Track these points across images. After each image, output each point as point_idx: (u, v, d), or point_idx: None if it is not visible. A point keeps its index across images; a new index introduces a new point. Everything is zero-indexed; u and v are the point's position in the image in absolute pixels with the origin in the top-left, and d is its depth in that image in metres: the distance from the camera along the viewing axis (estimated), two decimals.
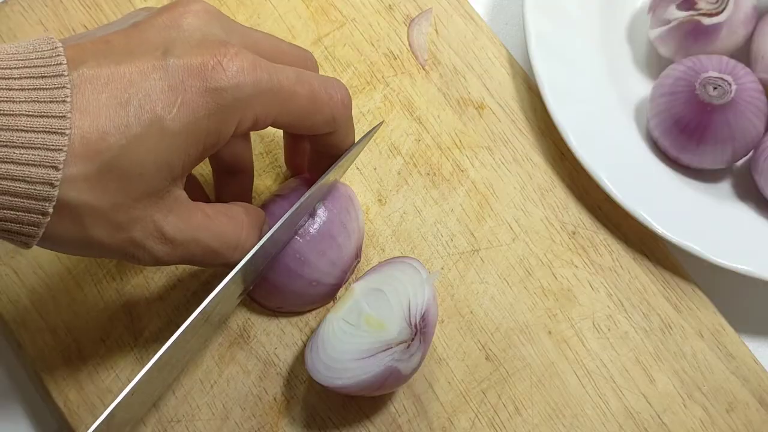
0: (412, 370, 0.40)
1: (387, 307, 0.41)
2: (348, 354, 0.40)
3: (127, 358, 0.43)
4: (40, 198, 0.30)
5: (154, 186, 0.33)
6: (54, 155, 0.30)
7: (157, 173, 0.33)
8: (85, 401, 0.42)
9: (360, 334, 0.40)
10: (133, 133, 0.31)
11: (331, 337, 0.41)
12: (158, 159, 0.32)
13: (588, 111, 0.49)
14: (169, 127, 0.32)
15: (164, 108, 0.32)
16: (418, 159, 0.49)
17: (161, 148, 0.32)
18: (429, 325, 0.40)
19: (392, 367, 0.39)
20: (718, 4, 0.49)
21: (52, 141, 0.30)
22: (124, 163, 0.31)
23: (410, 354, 0.39)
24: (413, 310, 0.40)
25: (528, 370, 0.45)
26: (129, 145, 0.31)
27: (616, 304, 0.46)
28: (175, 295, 0.44)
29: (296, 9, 0.51)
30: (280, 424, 0.43)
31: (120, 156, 0.31)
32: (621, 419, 0.44)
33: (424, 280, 0.41)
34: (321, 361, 0.40)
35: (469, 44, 0.52)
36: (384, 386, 0.40)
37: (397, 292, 0.41)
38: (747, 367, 0.46)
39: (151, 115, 0.32)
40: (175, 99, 0.32)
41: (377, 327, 0.40)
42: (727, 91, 0.46)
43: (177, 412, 0.42)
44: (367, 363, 0.39)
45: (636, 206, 0.47)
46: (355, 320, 0.41)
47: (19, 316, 0.43)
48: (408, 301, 0.40)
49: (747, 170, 0.50)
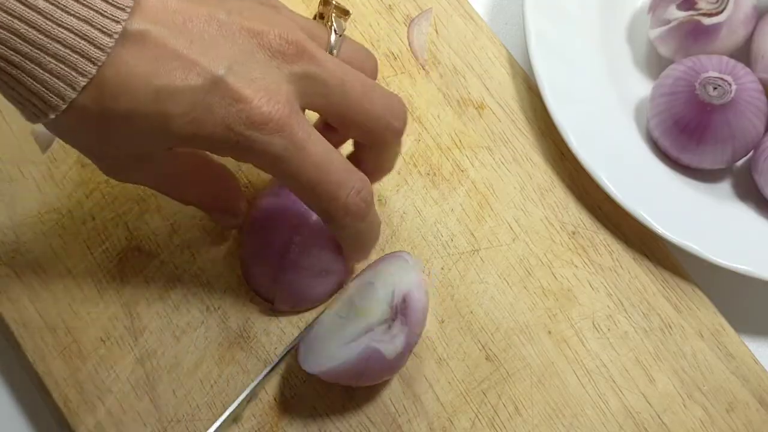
0: (396, 353, 0.40)
1: (374, 296, 0.41)
2: (335, 342, 0.40)
3: (127, 358, 0.43)
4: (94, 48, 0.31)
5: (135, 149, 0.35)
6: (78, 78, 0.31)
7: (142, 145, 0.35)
8: (85, 401, 0.42)
9: (348, 324, 0.41)
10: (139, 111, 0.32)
11: (323, 330, 0.41)
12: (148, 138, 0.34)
13: (588, 111, 0.49)
14: (170, 127, 0.33)
15: (178, 112, 0.32)
16: (418, 159, 0.49)
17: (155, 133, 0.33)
18: (411, 307, 0.40)
19: (372, 347, 0.39)
20: (718, 4, 0.49)
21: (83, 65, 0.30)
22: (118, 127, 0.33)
23: (392, 336, 0.39)
24: (396, 292, 0.41)
25: (528, 370, 0.45)
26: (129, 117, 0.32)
27: (616, 304, 0.46)
28: (175, 295, 0.44)
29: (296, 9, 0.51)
30: (280, 424, 0.43)
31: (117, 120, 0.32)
32: (621, 419, 0.44)
33: (410, 267, 0.41)
34: (311, 351, 0.41)
35: (469, 44, 0.52)
36: (368, 370, 0.40)
37: (385, 282, 0.41)
38: (747, 367, 0.46)
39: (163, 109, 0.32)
40: (192, 111, 0.32)
41: (363, 315, 0.41)
42: (727, 91, 0.46)
43: (177, 412, 0.42)
44: (350, 347, 0.40)
45: (636, 206, 0.47)
46: (346, 313, 0.41)
47: (19, 316, 0.43)
48: (393, 286, 0.41)
49: (747, 170, 0.50)
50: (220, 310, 0.44)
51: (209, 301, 0.44)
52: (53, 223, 0.45)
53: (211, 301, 0.44)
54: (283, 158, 0.34)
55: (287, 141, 0.34)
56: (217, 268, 0.45)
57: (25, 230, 0.45)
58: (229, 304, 0.44)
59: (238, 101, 0.32)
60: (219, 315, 0.44)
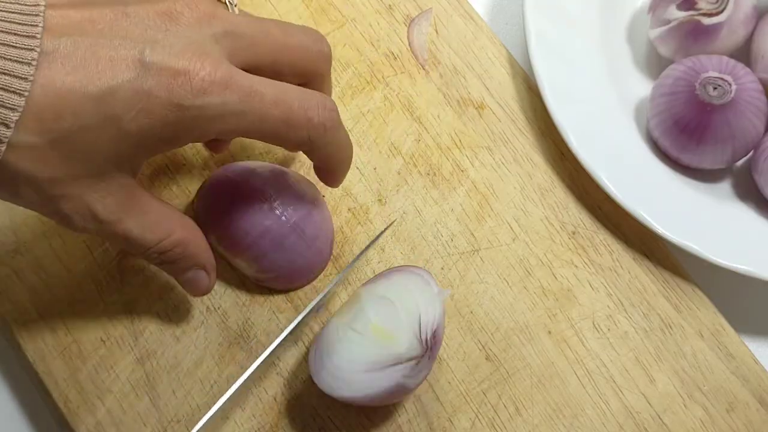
0: (417, 385, 0.40)
1: (396, 318, 0.40)
2: (355, 364, 0.39)
3: (127, 358, 0.43)
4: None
5: (96, 170, 0.33)
6: (8, 113, 0.30)
7: (103, 162, 0.33)
8: (85, 401, 0.42)
9: (367, 344, 0.39)
10: (87, 124, 0.31)
11: (337, 344, 0.40)
12: (107, 150, 0.33)
13: (588, 111, 0.49)
14: (124, 128, 0.32)
15: (124, 109, 0.32)
16: (418, 159, 0.49)
17: (112, 142, 0.33)
18: (438, 342, 0.40)
19: (401, 383, 0.39)
20: (718, 4, 0.49)
21: (8, 100, 0.30)
22: (72, 146, 0.32)
23: (419, 370, 0.39)
24: (424, 325, 0.40)
25: (528, 370, 0.45)
26: (80, 132, 0.32)
27: (616, 304, 0.46)
28: (174, 295, 0.44)
29: (296, 9, 0.51)
30: (280, 424, 0.43)
31: (69, 139, 0.31)
32: (621, 419, 0.44)
33: (435, 295, 0.41)
34: (326, 369, 0.39)
35: (469, 44, 0.52)
36: (390, 399, 0.40)
37: (407, 304, 0.40)
38: (747, 367, 0.46)
39: (109, 112, 0.32)
40: (137, 103, 0.32)
41: (386, 338, 0.39)
42: (727, 91, 0.46)
43: (177, 412, 0.42)
44: (375, 377, 0.39)
45: (636, 206, 0.47)
46: (361, 328, 0.40)
47: (19, 316, 0.43)
48: (418, 315, 0.40)
49: (747, 170, 0.50)
50: (220, 310, 0.44)
51: (209, 301, 0.44)
52: (53, 223, 0.45)
53: (211, 301, 0.44)
54: (244, 111, 0.34)
55: (238, 93, 0.33)
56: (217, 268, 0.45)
57: (25, 230, 0.45)
58: (229, 304, 0.44)
59: (175, 75, 0.32)
60: (219, 315, 0.44)
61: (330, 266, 0.46)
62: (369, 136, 0.49)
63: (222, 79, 0.33)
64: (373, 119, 0.49)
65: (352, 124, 0.49)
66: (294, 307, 0.45)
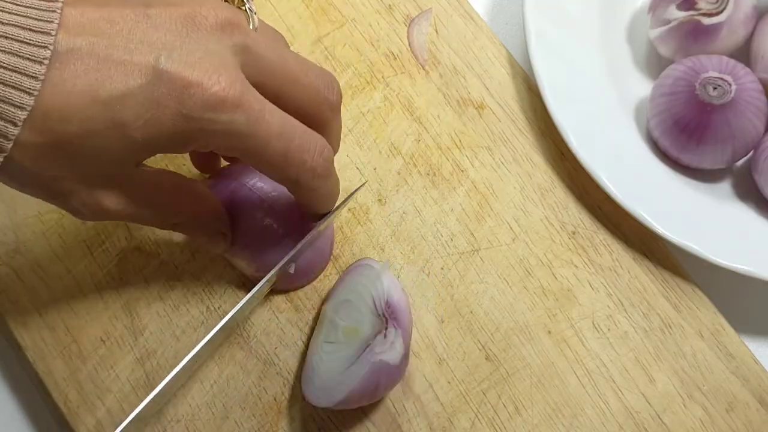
0: (400, 358, 0.40)
1: (356, 312, 0.41)
2: (336, 370, 0.40)
3: (127, 358, 0.43)
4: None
5: (100, 170, 0.33)
6: (16, 112, 0.30)
7: (107, 163, 0.33)
8: (85, 401, 0.42)
9: (341, 348, 0.40)
10: (94, 129, 0.31)
11: (318, 361, 0.40)
12: (111, 153, 0.32)
13: (588, 111, 0.49)
14: (129, 135, 0.32)
15: (132, 117, 0.31)
16: (418, 159, 0.49)
17: (116, 147, 0.32)
18: (397, 309, 0.41)
19: (377, 360, 0.39)
20: (718, 4, 0.49)
21: (19, 98, 0.30)
22: (77, 149, 0.31)
23: (390, 342, 0.39)
24: (377, 301, 0.41)
25: (528, 370, 0.45)
26: (86, 136, 0.31)
27: (615, 304, 0.46)
28: (175, 295, 0.44)
29: (296, 9, 0.51)
30: (280, 424, 0.43)
31: (74, 142, 0.31)
32: (621, 419, 0.44)
33: (379, 271, 0.42)
34: (316, 386, 0.40)
35: (469, 44, 0.52)
36: (380, 385, 0.40)
37: (361, 294, 0.41)
38: (747, 367, 0.46)
39: (117, 118, 0.31)
40: (145, 112, 0.31)
41: (354, 333, 0.40)
42: (727, 91, 0.46)
43: (177, 412, 0.42)
44: (354, 369, 0.39)
45: (636, 206, 0.47)
46: (334, 337, 0.41)
47: (19, 316, 0.43)
48: (371, 297, 0.41)
49: (747, 170, 0.50)
50: (220, 310, 0.44)
51: (209, 301, 0.44)
52: (53, 223, 0.45)
53: (211, 301, 0.44)
54: (247, 134, 0.33)
55: (247, 115, 0.33)
56: (217, 268, 0.45)
57: (25, 230, 0.45)
58: (229, 304, 0.44)
59: (188, 87, 0.31)
60: (219, 315, 0.44)
61: (330, 266, 0.46)
62: (369, 136, 0.49)
63: (234, 97, 0.32)
64: (373, 119, 0.49)
65: (353, 124, 0.49)
66: (294, 307, 0.45)
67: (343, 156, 0.48)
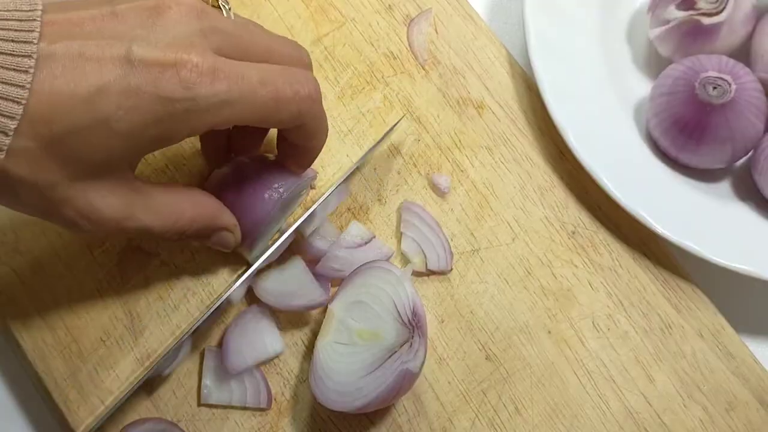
0: (420, 365, 0.40)
1: (374, 315, 0.40)
2: (354, 374, 0.39)
3: (127, 358, 0.43)
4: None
5: (93, 171, 0.33)
6: (6, 122, 0.30)
7: (99, 162, 0.33)
8: (85, 401, 0.42)
9: (358, 351, 0.40)
10: (79, 126, 0.32)
11: (330, 362, 0.40)
12: (101, 151, 0.33)
13: (588, 111, 0.49)
14: (114, 128, 0.32)
15: (114, 109, 0.32)
16: (418, 159, 0.49)
17: (104, 142, 0.33)
18: (420, 317, 0.40)
19: (404, 369, 0.39)
20: (717, 4, 0.49)
21: (7, 108, 0.30)
22: (66, 149, 0.32)
23: (414, 351, 0.39)
24: (401, 309, 0.40)
25: (528, 370, 0.45)
26: (73, 135, 0.32)
27: (615, 304, 0.46)
28: (175, 295, 0.44)
29: (296, 9, 0.51)
30: (280, 424, 0.43)
31: (62, 142, 0.32)
32: (621, 419, 0.44)
33: (400, 277, 0.41)
34: (331, 390, 0.39)
35: (468, 44, 0.52)
36: (401, 391, 0.40)
37: (379, 297, 0.41)
38: (747, 367, 0.46)
39: (99, 112, 0.32)
40: (125, 102, 0.32)
41: (373, 338, 0.40)
42: (727, 90, 0.46)
43: (177, 412, 0.42)
44: (377, 375, 0.39)
45: (636, 206, 0.47)
46: (347, 339, 0.40)
47: (19, 316, 0.43)
48: (392, 303, 0.40)
49: (747, 170, 0.50)
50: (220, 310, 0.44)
51: (209, 301, 0.44)
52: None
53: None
54: (233, 99, 0.34)
55: (227, 81, 0.34)
56: (217, 268, 0.45)
57: (25, 230, 0.45)
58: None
59: (163, 70, 0.32)
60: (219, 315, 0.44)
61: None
62: (369, 136, 0.49)
63: (209, 69, 0.33)
64: (373, 119, 0.49)
65: (353, 124, 0.49)
66: None
67: (343, 156, 0.48)
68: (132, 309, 0.44)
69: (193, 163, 0.47)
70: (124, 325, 0.43)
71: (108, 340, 0.43)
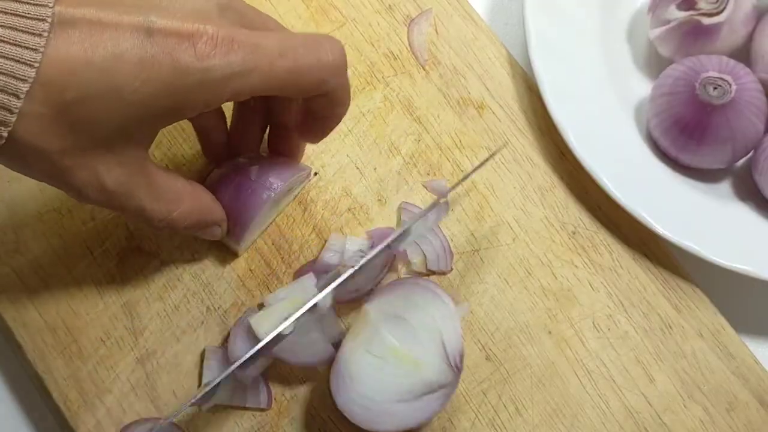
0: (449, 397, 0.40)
1: (415, 339, 0.40)
2: (385, 394, 0.39)
3: (127, 358, 0.43)
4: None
5: (104, 141, 0.33)
6: (18, 84, 0.30)
7: (110, 132, 0.33)
8: (85, 401, 0.42)
9: (394, 371, 0.39)
10: (92, 94, 0.31)
11: (359, 370, 0.39)
12: (113, 120, 0.33)
13: (588, 111, 0.49)
14: (127, 98, 0.32)
15: (128, 77, 0.32)
16: (418, 159, 0.49)
17: (117, 112, 0.32)
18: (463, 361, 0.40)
19: (436, 410, 0.39)
20: (718, 4, 0.49)
21: (19, 70, 0.30)
22: (78, 116, 0.32)
23: (449, 395, 0.39)
24: (449, 348, 0.40)
25: (528, 371, 0.45)
26: (86, 102, 0.31)
27: (616, 304, 0.46)
28: (175, 295, 0.44)
29: (296, 9, 0.51)
30: (280, 424, 0.43)
31: (75, 109, 0.31)
32: (621, 419, 0.44)
33: (453, 313, 0.40)
34: (354, 401, 0.39)
35: (469, 44, 0.52)
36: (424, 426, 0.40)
37: (425, 324, 0.40)
38: (747, 367, 0.46)
39: (113, 81, 0.32)
40: (140, 73, 0.32)
41: (411, 364, 0.39)
42: (727, 91, 0.46)
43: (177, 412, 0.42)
44: (412, 407, 0.39)
45: (636, 206, 0.47)
46: (380, 352, 0.39)
47: (19, 316, 0.43)
48: (440, 337, 0.40)
49: (747, 170, 0.50)
50: (220, 310, 0.44)
51: (209, 301, 0.44)
52: (53, 223, 0.45)
53: (211, 301, 0.44)
54: (249, 69, 0.34)
55: (242, 52, 0.33)
56: (217, 268, 0.45)
57: (25, 230, 0.45)
58: (230, 304, 0.44)
59: (179, 40, 0.32)
60: (219, 315, 0.44)
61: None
62: (369, 136, 0.49)
63: (224, 39, 0.33)
64: (373, 119, 0.49)
65: (353, 124, 0.49)
66: None
67: (343, 156, 0.48)
68: (132, 309, 0.44)
69: (193, 163, 0.47)
70: (124, 325, 0.43)
71: (108, 340, 0.43)
